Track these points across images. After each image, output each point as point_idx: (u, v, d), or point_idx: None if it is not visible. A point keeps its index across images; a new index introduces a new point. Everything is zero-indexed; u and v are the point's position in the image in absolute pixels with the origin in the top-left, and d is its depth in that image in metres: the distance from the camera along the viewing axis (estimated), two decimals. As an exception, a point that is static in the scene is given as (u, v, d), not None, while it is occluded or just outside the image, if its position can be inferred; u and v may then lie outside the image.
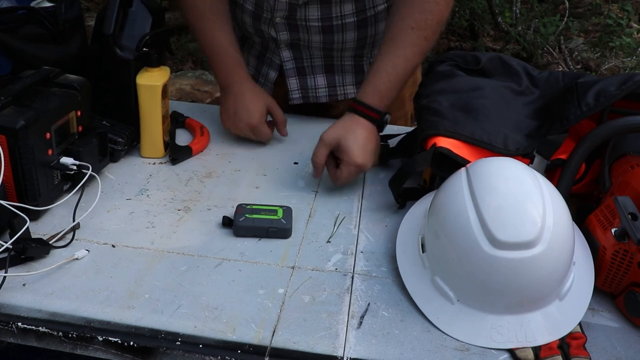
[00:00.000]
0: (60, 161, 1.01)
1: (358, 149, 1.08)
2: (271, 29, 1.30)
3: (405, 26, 1.11)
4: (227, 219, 1.02)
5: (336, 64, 1.37)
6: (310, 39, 1.30)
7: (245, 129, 1.26)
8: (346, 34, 1.29)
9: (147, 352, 0.79)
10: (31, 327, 0.80)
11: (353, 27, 1.28)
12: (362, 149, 1.08)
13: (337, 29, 1.28)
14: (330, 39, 1.30)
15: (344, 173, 1.10)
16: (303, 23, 1.27)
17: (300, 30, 1.29)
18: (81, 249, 0.93)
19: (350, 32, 1.29)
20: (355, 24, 1.28)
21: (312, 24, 1.26)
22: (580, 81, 1.04)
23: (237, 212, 1.01)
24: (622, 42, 3.77)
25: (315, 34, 1.29)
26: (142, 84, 1.14)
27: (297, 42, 1.32)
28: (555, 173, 1.01)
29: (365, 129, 1.10)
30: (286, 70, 1.37)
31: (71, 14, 1.18)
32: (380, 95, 1.11)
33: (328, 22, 1.26)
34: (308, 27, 1.27)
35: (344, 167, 1.09)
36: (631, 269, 0.84)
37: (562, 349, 0.81)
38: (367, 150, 1.09)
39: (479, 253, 0.80)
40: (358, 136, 1.08)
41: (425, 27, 1.11)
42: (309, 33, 1.29)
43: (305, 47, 1.33)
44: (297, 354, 0.78)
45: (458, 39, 4.62)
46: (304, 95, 1.40)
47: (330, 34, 1.29)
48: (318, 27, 1.27)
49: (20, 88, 0.97)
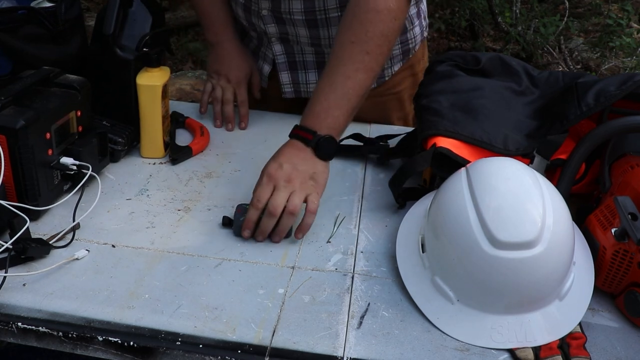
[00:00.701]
0: (60, 161, 1.01)
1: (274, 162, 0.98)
2: (260, 22, 1.32)
3: (345, 40, 1.03)
4: (227, 219, 1.01)
5: (327, 60, 1.37)
6: (297, 32, 1.31)
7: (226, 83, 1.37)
8: (331, 29, 1.29)
9: (147, 352, 0.79)
10: (31, 327, 0.80)
11: (337, 22, 1.26)
12: (280, 164, 0.98)
13: (322, 23, 1.27)
14: (317, 34, 1.30)
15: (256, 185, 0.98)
16: (288, 16, 1.27)
17: (287, 24, 1.29)
18: (81, 249, 0.93)
19: (335, 27, 1.27)
20: (340, 18, 1.27)
21: (296, 17, 1.27)
22: (580, 81, 1.04)
23: (237, 212, 1.01)
24: (622, 42, 3.77)
25: (300, 27, 1.29)
26: (142, 84, 1.14)
27: (285, 36, 1.33)
28: (555, 173, 1.01)
29: (293, 148, 1.01)
30: (278, 64, 1.38)
31: (71, 14, 1.18)
32: (314, 116, 1.02)
33: (312, 15, 1.26)
34: (293, 20, 1.28)
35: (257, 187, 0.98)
36: (631, 269, 0.84)
37: (562, 349, 0.81)
38: (288, 167, 0.97)
39: (479, 253, 0.80)
40: (280, 155, 1.00)
41: (366, 40, 1.02)
42: (294, 26, 1.29)
43: (295, 42, 1.34)
44: (297, 354, 0.78)
45: (458, 39, 4.62)
46: (296, 90, 1.41)
47: (315, 28, 1.29)
48: (302, 20, 1.27)
49: (20, 88, 0.97)
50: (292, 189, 0.96)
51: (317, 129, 1.01)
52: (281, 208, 0.95)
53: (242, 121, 1.37)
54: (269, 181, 0.97)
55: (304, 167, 0.99)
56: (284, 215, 0.95)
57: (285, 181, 0.96)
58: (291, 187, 0.96)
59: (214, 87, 1.40)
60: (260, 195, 0.96)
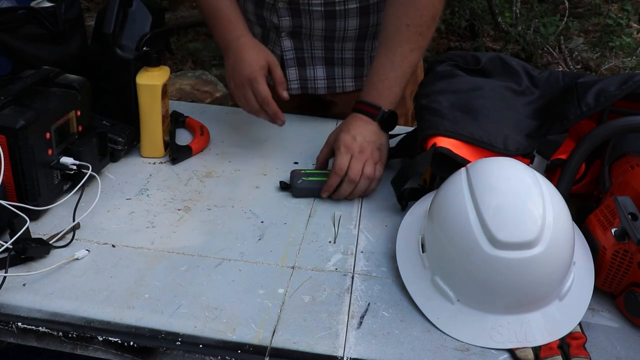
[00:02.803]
0: (60, 161, 1.01)
1: (349, 135, 1.10)
2: (273, 15, 1.31)
3: (400, 24, 1.14)
4: (283, 183, 1.12)
5: (337, 56, 1.38)
6: (313, 25, 1.31)
7: (245, 83, 1.17)
8: (348, 21, 1.30)
9: (147, 352, 0.79)
10: (31, 327, 0.80)
11: (356, 14, 1.29)
12: (354, 137, 1.10)
13: (340, 14, 1.29)
14: (332, 26, 1.30)
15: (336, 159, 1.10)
16: (306, 7, 1.27)
17: (303, 15, 1.29)
18: (81, 249, 0.93)
19: (353, 19, 1.30)
20: (358, 10, 1.29)
21: (315, 8, 1.27)
22: (580, 81, 1.04)
23: (293, 176, 1.12)
24: (622, 42, 3.77)
25: (317, 19, 1.29)
26: (142, 84, 1.14)
27: (298, 29, 1.33)
28: (555, 173, 1.01)
29: (363, 122, 1.12)
30: (286, 60, 1.38)
31: (71, 14, 1.18)
32: (378, 92, 1.13)
33: (331, 6, 1.27)
34: (311, 11, 1.28)
35: (335, 154, 1.11)
36: (631, 269, 0.84)
37: (562, 349, 0.81)
38: (361, 139, 1.10)
39: (479, 253, 0.80)
40: (353, 127, 1.12)
41: (420, 23, 1.14)
42: (311, 18, 1.29)
43: (307, 35, 1.34)
44: (297, 354, 0.78)
45: (458, 39, 4.62)
46: (303, 86, 1.41)
47: (333, 19, 1.29)
48: (321, 11, 1.28)
49: (20, 88, 0.97)
50: (365, 157, 1.10)
51: (381, 104, 1.13)
52: (359, 174, 1.09)
53: (279, 119, 1.22)
54: (347, 151, 1.09)
55: (373, 139, 1.12)
56: (362, 180, 1.09)
57: (360, 152, 1.10)
58: (364, 157, 1.10)
59: (246, 98, 1.20)
60: (342, 163, 1.09)
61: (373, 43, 1.36)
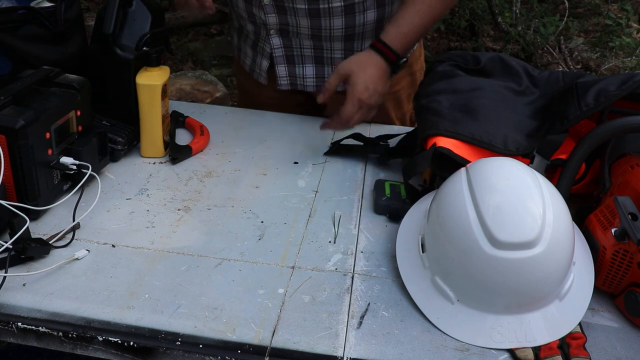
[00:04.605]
0: (60, 161, 1.01)
1: (363, 85, 1.14)
2: (261, 12, 1.32)
3: None
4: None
5: (326, 55, 1.38)
6: (299, 23, 1.31)
7: None
8: (334, 20, 1.30)
9: (147, 352, 0.79)
10: (31, 327, 0.80)
11: (341, 13, 1.29)
12: (367, 87, 1.15)
13: (324, 12, 1.29)
14: (318, 24, 1.31)
15: (347, 106, 1.16)
16: (290, 5, 1.28)
17: (288, 13, 1.30)
18: (81, 249, 0.93)
19: (338, 18, 1.30)
20: (343, 9, 1.29)
21: (299, 5, 1.28)
22: (580, 81, 1.04)
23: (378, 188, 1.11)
24: (622, 42, 3.77)
25: (302, 17, 1.30)
26: (142, 84, 1.14)
27: (285, 27, 1.33)
28: (555, 173, 1.01)
29: (378, 69, 1.17)
30: (275, 57, 1.39)
31: (71, 13, 1.18)
32: (400, 38, 1.18)
33: (315, 4, 1.27)
34: (295, 9, 1.28)
35: (347, 100, 1.16)
36: (631, 269, 0.84)
37: (562, 349, 0.81)
38: (372, 90, 1.15)
39: (479, 253, 0.80)
40: (368, 74, 1.15)
41: None
42: (296, 16, 1.30)
43: (295, 33, 1.34)
44: (297, 354, 0.78)
45: (458, 39, 4.62)
46: (292, 82, 1.42)
47: (317, 17, 1.29)
48: (305, 9, 1.28)
49: (20, 88, 0.97)
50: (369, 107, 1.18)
51: (399, 50, 1.18)
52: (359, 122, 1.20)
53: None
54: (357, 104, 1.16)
55: (381, 89, 1.18)
56: None
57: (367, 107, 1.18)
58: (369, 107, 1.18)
59: None
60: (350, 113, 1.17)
61: (362, 44, 1.36)
